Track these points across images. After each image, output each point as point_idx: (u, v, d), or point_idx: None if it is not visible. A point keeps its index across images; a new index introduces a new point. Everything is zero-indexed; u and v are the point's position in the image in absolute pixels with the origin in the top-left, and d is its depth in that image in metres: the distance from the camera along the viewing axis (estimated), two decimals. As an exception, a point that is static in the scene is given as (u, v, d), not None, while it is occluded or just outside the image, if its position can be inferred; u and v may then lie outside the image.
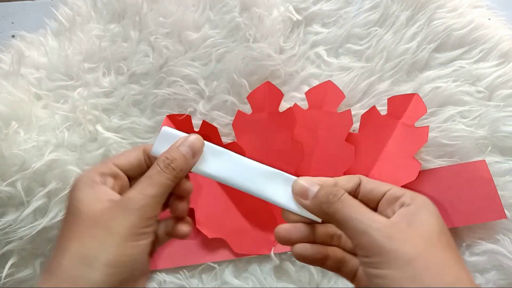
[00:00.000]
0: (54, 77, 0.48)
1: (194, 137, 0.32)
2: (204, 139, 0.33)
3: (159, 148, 0.32)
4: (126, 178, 0.32)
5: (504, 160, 0.45)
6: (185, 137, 0.32)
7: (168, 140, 0.32)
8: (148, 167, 0.32)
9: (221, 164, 0.32)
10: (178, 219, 0.32)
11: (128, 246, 0.27)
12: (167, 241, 0.33)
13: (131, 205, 0.28)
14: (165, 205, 0.32)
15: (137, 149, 0.32)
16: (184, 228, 0.32)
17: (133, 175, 0.32)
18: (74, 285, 0.25)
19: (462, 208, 0.43)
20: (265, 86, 0.46)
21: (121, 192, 0.30)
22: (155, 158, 0.31)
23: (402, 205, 0.28)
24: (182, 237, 0.32)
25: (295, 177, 0.31)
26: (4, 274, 0.43)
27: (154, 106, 0.49)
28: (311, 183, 0.30)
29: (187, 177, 0.32)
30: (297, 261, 0.45)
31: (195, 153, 0.31)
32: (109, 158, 0.32)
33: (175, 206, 0.32)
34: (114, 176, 0.31)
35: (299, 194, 0.30)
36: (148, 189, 0.29)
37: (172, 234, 0.32)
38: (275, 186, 0.31)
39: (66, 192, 0.44)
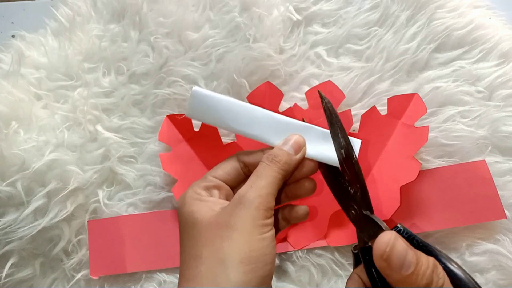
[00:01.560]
0: (54, 77, 0.48)
1: (297, 136, 0.33)
2: (204, 139, 0.33)
3: (194, 111, 0.32)
4: (228, 188, 0.32)
5: (504, 160, 0.45)
6: (287, 139, 0.33)
7: (203, 102, 0.32)
8: (246, 173, 0.33)
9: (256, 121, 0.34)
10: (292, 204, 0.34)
11: (255, 240, 0.27)
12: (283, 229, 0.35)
13: (246, 200, 0.28)
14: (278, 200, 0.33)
15: (231, 159, 0.33)
16: (301, 209, 0.34)
17: (234, 185, 0.33)
18: (215, 286, 0.25)
19: (462, 208, 0.43)
20: (265, 86, 0.46)
21: (228, 200, 0.31)
22: (254, 164, 0.32)
23: None
24: (303, 218, 0.34)
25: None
26: (4, 274, 0.43)
27: (154, 106, 0.49)
28: (405, 252, 0.26)
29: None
30: (297, 261, 0.45)
31: (297, 150, 0.33)
32: (208, 173, 0.32)
33: (298, 187, 0.33)
34: (218, 188, 0.31)
35: (387, 259, 0.25)
36: (257, 182, 0.29)
37: (291, 218, 0.34)
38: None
39: (66, 192, 0.44)
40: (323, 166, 0.36)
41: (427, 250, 0.27)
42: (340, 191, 0.35)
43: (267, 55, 0.47)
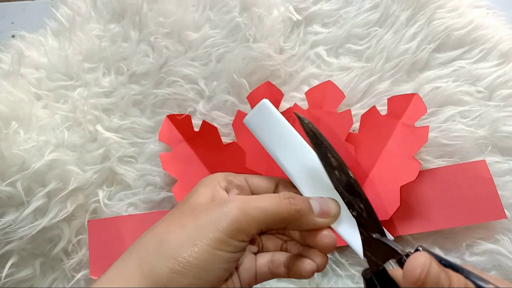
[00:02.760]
0: (54, 77, 0.48)
1: (334, 202, 0.29)
2: (204, 139, 0.32)
3: (252, 121, 0.31)
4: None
5: (504, 160, 0.45)
6: (321, 198, 0.30)
7: (264, 116, 0.31)
8: None
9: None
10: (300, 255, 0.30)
11: (204, 249, 0.24)
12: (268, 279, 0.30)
13: (231, 206, 0.26)
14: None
15: (273, 179, 0.31)
16: (308, 264, 0.29)
17: None
18: (140, 267, 0.24)
19: (462, 208, 0.43)
20: (265, 86, 0.46)
21: None
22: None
23: None
24: (308, 274, 0.29)
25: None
26: (4, 274, 0.43)
27: (154, 106, 0.49)
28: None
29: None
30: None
31: (323, 214, 0.29)
32: (244, 174, 0.31)
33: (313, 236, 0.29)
34: (240, 189, 0.30)
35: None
36: (255, 200, 0.26)
37: (295, 270, 0.29)
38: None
39: (66, 192, 0.44)
40: None
41: (455, 269, 0.25)
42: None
43: (267, 55, 0.47)
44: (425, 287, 0.22)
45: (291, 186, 0.31)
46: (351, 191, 0.31)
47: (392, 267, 0.34)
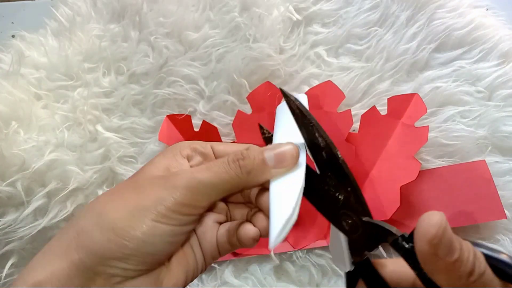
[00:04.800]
0: (54, 77, 0.48)
1: (289, 146, 0.27)
2: (204, 139, 0.32)
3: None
4: None
5: (504, 160, 0.45)
6: (278, 145, 0.27)
7: (283, 115, 0.29)
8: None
9: (283, 183, 0.27)
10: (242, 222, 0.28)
11: (143, 220, 0.23)
12: (227, 252, 0.28)
13: (172, 180, 0.24)
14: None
15: (242, 145, 0.29)
16: (250, 230, 0.27)
17: None
18: (77, 237, 0.24)
19: (462, 208, 0.43)
20: (265, 86, 0.46)
21: None
22: None
23: None
24: (248, 241, 0.27)
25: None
26: (4, 274, 0.43)
27: (154, 106, 0.49)
28: None
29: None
30: (297, 261, 0.45)
31: (279, 164, 0.26)
32: (213, 142, 0.29)
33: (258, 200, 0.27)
34: (204, 156, 0.28)
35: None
36: (201, 172, 0.25)
37: (234, 239, 0.27)
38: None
39: (66, 192, 0.44)
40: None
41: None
42: (326, 201, 0.28)
43: (267, 55, 0.47)
44: (441, 247, 0.20)
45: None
46: (339, 174, 0.28)
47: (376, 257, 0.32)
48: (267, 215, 0.27)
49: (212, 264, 0.45)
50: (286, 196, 0.26)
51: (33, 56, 0.49)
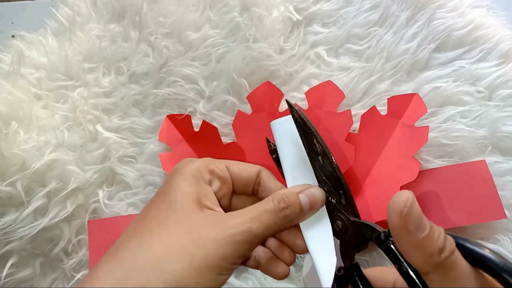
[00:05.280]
0: (54, 77, 0.48)
1: (317, 190, 0.29)
2: (204, 139, 0.32)
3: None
4: (231, 188, 0.30)
5: (504, 160, 0.45)
6: (306, 186, 0.29)
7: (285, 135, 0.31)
8: (253, 192, 0.31)
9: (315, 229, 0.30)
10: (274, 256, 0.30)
11: (206, 275, 0.24)
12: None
13: (233, 235, 0.25)
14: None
15: (254, 168, 0.31)
16: (281, 267, 0.29)
17: (236, 188, 0.31)
18: (133, 268, 0.24)
19: (462, 208, 0.43)
20: (265, 86, 0.46)
21: (219, 199, 0.29)
22: (266, 189, 0.29)
23: None
24: (279, 277, 0.30)
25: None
26: (4, 274, 0.43)
27: (154, 106, 0.49)
28: None
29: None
30: (297, 261, 0.45)
31: (313, 208, 0.28)
32: (226, 160, 0.30)
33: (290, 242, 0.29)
34: (222, 181, 0.29)
35: None
36: (255, 224, 0.26)
37: (265, 268, 0.30)
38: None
39: (66, 192, 0.44)
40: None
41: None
42: None
43: (267, 55, 0.47)
44: (410, 220, 0.22)
45: (272, 177, 0.31)
46: (332, 178, 0.30)
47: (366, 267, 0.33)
48: (294, 250, 0.30)
49: (212, 264, 0.45)
50: (322, 241, 0.29)
51: (33, 56, 0.49)
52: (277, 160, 0.34)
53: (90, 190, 0.46)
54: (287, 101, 0.31)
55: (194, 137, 0.46)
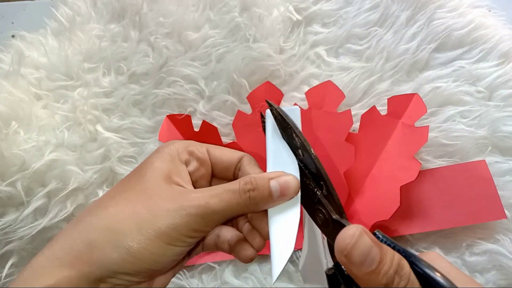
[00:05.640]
0: (54, 77, 0.48)
1: (291, 179, 0.29)
2: (204, 139, 0.32)
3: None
4: (210, 171, 0.30)
5: (504, 160, 0.45)
6: (281, 173, 0.29)
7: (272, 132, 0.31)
8: (234, 176, 0.31)
9: (281, 216, 0.29)
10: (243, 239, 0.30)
11: (158, 243, 0.25)
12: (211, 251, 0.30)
13: (186, 207, 0.26)
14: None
15: (237, 154, 0.31)
16: (249, 250, 0.30)
17: (217, 174, 0.31)
18: (87, 249, 0.25)
19: (462, 208, 0.43)
20: (265, 86, 0.46)
21: (196, 181, 0.29)
22: (243, 174, 0.29)
23: None
24: (246, 260, 0.30)
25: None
26: (4, 274, 0.43)
27: (154, 106, 0.49)
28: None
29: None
30: (297, 261, 0.45)
31: (283, 195, 0.28)
32: (208, 145, 0.30)
33: (256, 229, 0.30)
34: (201, 162, 0.29)
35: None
36: (214, 201, 0.26)
37: (236, 251, 0.30)
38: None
39: (66, 192, 0.44)
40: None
41: (405, 256, 0.25)
42: (305, 194, 0.30)
43: (267, 55, 0.47)
44: (353, 258, 0.22)
45: (254, 163, 0.31)
46: (313, 170, 0.30)
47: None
48: (263, 236, 0.30)
49: (212, 264, 0.46)
50: (285, 230, 0.28)
51: (33, 56, 0.49)
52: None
53: (90, 190, 0.46)
54: (266, 101, 0.32)
55: (194, 137, 0.46)
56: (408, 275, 0.23)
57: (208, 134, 0.45)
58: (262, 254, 0.45)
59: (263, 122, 0.35)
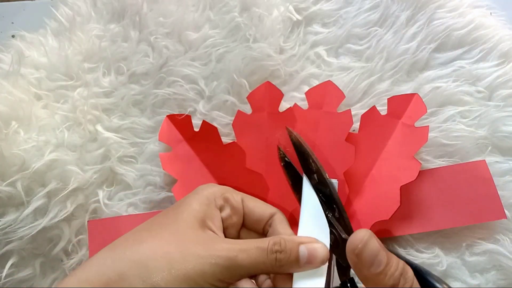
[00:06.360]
0: (54, 77, 0.48)
1: (321, 247, 0.29)
2: (204, 139, 0.32)
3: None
4: (241, 221, 0.31)
5: (504, 160, 0.45)
6: (313, 240, 0.30)
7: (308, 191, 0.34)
8: (263, 231, 0.31)
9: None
10: None
11: (174, 281, 0.25)
12: None
13: (214, 259, 0.26)
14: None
15: (270, 208, 0.32)
16: None
17: (247, 223, 0.32)
18: (119, 279, 0.25)
19: (462, 208, 0.43)
20: (265, 86, 0.46)
21: (227, 228, 0.30)
22: (273, 231, 0.30)
23: None
24: None
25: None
26: (4, 274, 0.43)
27: (154, 106, 0.49)
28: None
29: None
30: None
31: (310, 262, 0.29)
32: (242, 194, 0.32)
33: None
34: (234, 211, 0.31)
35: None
36: (242, 256, 0.27)
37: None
38: None
39: (66, 192, 0.44)
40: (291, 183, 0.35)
41: (413, 267, 0.27)
42: None
43: (267, 55, 0.47)
44: (363, 258, 0.25)
45: (285, 222, 0.32)
46: (326, 193, 0.33)
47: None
48: None
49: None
50: None
51: (33, 56, 0.49)
52: (285, 168, 0.36)
53: (90, 190, 0.46)
54: (287, 128, 0.36)
55: (194, 137, 0.46)
56: (412, 278, 0.25)
57: (208, 134, 0.45)
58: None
59: (281, 156, 0.37)
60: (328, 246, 0.31)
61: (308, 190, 0.34)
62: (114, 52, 0.49)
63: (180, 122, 0.47)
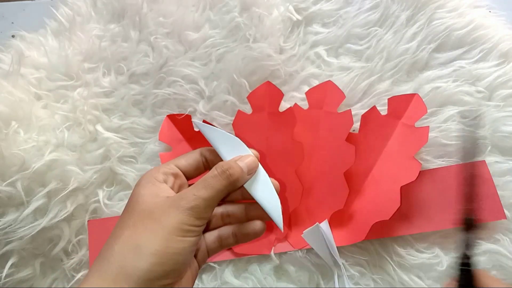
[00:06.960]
0: (54, 77, 0.48)
1: (251, 158, 0.34)
2: (204, 138, 0.33)
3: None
4: (185, 178, 0.34)
5: (504, 160, 0.45)
6: (242, 156, 0.34)
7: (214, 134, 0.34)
8: (205, 168, 0.35)
9: (259, 185, 0.34)
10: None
11: (174, 239, 0.28)
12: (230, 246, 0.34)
13: (183, 204, 0.29)
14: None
15: (196, 152, 0.35)
16: (257, 225, 0.34)
17: (192, 176, 0.34)
18: (121, 270, 0.27)
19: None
20: (265, 86, 0.46)
21: (179, 190, 0.33)
22: (213, 162, 0.34)
23: None
24: (256, 234, 0.34)
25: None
26: (4, 274, 0.43)
27: (154, 106, 0.49)
28: None
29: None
30: (297, 261, 0.45)
31: (250, 171, 0.33)
32: (172, 160, 0.34)
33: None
34: (175, 176, 0.33)
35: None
36: (201, 191, 0.30)
37: (244, 234, 0.34)
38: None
39: (66, 192, 0.44)
40: None
41: None
42: None
43: (267, 55, 0.47)
44: None
45: (214, 152, 0.35)
46: None
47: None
48: (261, 220, 0.34)
49: (212, 264, 0.46)
50: (267, 192, 0.34)
51: (33, 56, 0.49)
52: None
53: (90, 190, 0.46)
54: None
55: (194, 137, 0.46)
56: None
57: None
58: (262, 254, 0.45)
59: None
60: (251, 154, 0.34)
61: (211, 131, 0.35)
62: (114, 52, 0.49)
63: (180, 122, 0.47)
